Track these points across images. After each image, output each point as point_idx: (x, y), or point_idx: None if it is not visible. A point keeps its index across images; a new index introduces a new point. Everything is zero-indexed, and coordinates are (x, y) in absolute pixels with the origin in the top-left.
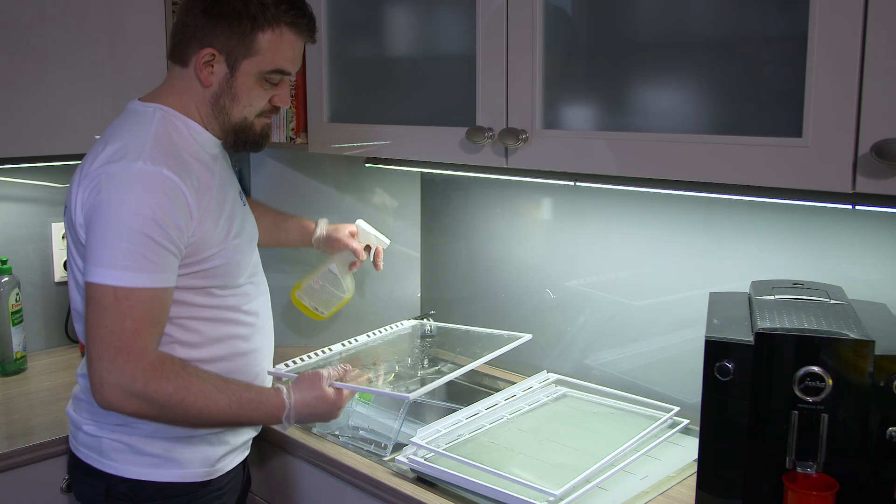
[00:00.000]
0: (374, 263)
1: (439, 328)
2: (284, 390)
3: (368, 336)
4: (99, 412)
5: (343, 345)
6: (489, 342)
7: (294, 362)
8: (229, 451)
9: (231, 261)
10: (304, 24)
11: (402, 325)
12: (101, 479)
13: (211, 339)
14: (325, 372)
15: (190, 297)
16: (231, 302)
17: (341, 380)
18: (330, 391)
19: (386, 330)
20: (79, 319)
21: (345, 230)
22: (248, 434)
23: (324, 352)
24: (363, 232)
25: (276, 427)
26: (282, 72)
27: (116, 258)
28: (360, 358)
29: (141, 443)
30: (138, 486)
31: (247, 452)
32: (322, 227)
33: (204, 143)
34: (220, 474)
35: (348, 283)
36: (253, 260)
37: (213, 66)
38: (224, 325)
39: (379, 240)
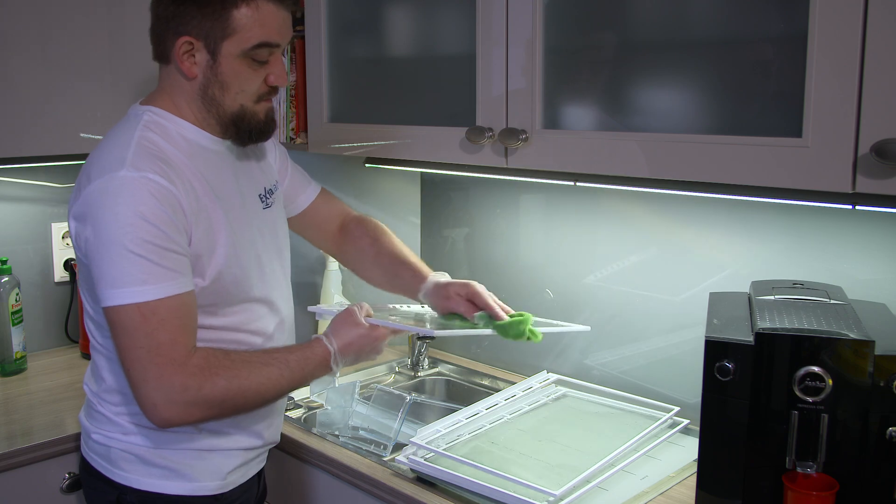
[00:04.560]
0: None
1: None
2: (324, 337)
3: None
4: (106, 421)
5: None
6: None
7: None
8: (242, 463)
9: (233, 276)
10: None
11: None
12: (112, 487)
13: None
14: (354, 308)
15: None
16: (233, 321)
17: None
18: (366, 323)
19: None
20: (93, 328)
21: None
22: (263, 446)
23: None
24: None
25: (327, 377)
26: (268, 45)
27: (129, 275)
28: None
29: (150, 454)
30: (149, 498)
31: (262, 464)
32: (433, 280)
33: (198, 142)
34: (231, 488)
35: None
36: (265, 272)
37: (194, 56)
38: (228, 347)
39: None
